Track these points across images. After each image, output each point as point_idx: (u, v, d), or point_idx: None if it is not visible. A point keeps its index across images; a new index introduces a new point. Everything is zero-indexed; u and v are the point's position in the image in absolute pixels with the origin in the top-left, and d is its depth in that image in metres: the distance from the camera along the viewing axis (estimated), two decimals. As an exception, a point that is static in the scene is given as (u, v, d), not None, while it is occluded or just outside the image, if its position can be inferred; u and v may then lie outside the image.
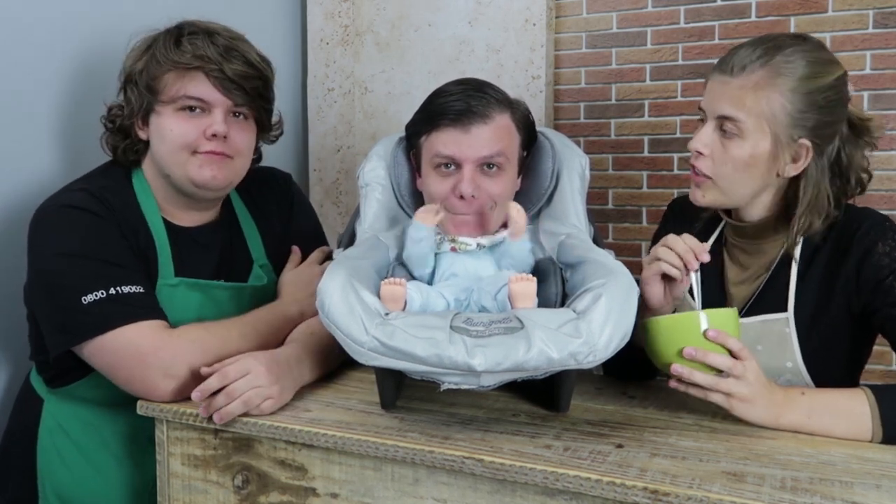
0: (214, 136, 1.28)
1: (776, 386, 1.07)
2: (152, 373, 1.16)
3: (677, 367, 1.05)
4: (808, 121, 1.14)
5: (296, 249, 1.47)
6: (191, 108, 1.28)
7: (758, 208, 1.22)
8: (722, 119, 1.16)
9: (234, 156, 1.32)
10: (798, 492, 0.87)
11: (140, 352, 1.17)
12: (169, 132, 1.28)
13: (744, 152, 1.15)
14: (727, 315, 1.07)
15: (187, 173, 1.29)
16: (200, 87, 1.27)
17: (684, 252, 1.12)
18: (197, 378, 1.14)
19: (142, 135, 1.33)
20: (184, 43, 1.27)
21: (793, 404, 1.05)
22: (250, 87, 1.31)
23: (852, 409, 1.04)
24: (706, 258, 1.12)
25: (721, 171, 1.18)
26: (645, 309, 1.17)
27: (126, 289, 1.19)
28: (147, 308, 1.20)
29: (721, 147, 1.17)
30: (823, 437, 1.04)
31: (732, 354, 1.04)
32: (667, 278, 1.15)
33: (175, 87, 1.27)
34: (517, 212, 1.16)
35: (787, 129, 1.14)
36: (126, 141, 1.33)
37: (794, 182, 1.19)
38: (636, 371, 1.27)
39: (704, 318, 1.05)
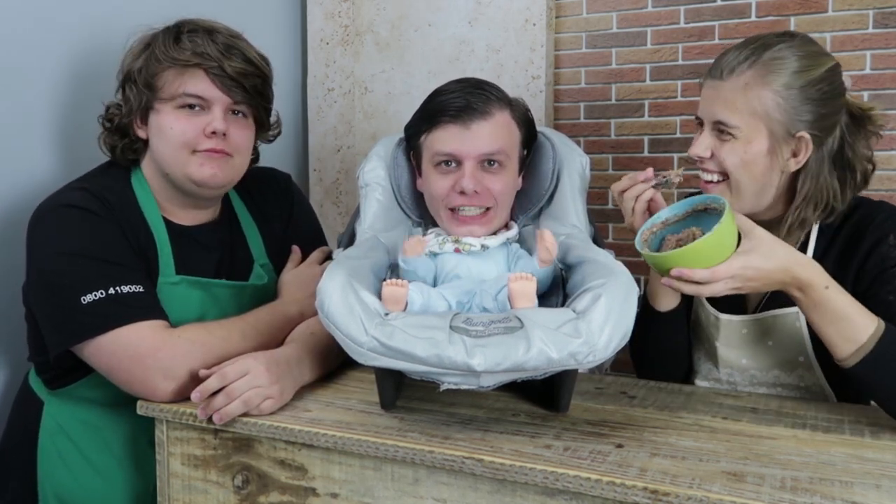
0: (214, 133, 1.28)
1: (801, 267, 1.06)
2: (152, 374, 1.16)
3: (667, 281, 1.08)
4: (805, 114, 1.14)
5: (296, 249, 1.47)
6: (190, 106, 1.28)
7: (762, 209, 1.22)
8: (717, 124, 1.17)
9: (234, 154, 1.31)
10: (798, 492, 0.87)
11: (139, 353, 1.16)
12: (169, 130, 1.28)
13: (739, 153, 1.16)
14: (695, 249, 1.05)
15: (187, 172, 1.29)
16: (200, 84, 1.27)
17: (633, 177, 1.19)
18: (197, 379, 1.14)
19: (141, 133, 1.33)
20: (183, 40, 1.28)
21: (810, 288, 1.06)
22: (249, 84, 1.31)
23: (859, 320, 1.05)
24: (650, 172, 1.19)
25: (731, 169, 1.17)
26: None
27: (126, 288, 1.19)
28: (146, 308, 1.20)
29: (720, 150, 1.18)
30: (816, 325, 1.07)
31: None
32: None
33: (174, 85, 1.27)
34: (551, 241, 1.12)
35: (784, 126, 1.14)
36: (124, 140, 1.33)
37: (796, 178, 1.20)
38: (665, 373, 1.32)
39: (672, 259, 1.06)
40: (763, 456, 0.97)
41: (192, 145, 1.28)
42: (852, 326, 1.05)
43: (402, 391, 1.20)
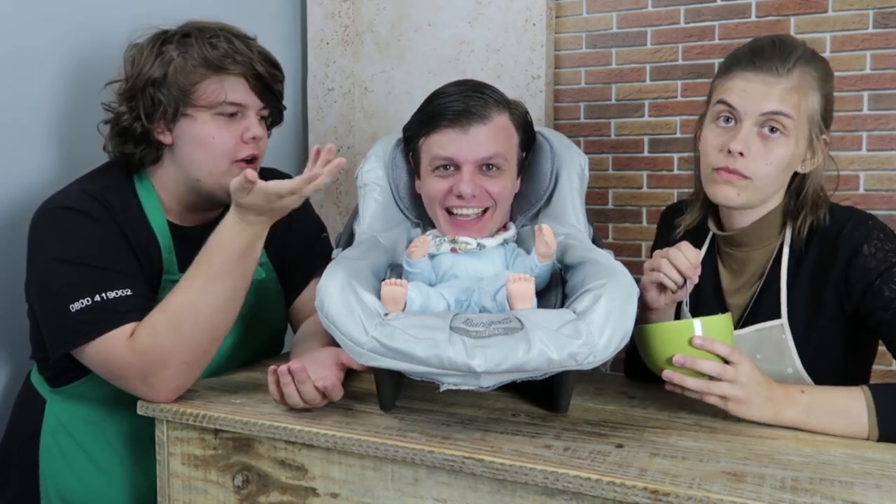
0: (253, 139, 1.29)
1: (774, 383, 1.07)
2: (134, 384, 1.17)
3: (668, 374, 1.06)
4: (828, 118, 1.19)
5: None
6: (230, 114, 1.28)
7: (759, 210, 1.22)
8: (768, 116, 1.14)
9: (260, 156, 1.34)
10: (798, 492, 0.87)
11: (112, 368, 1.17)
12: (211, 140, 1.28)
13: (787, 151, 1.15)
14: (718, 321, 1.07)
15: (223, 182, 1.26)
16: (240, 92, 1.28)
17: (686, 269, 1.13)
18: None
19: (163, 139, 1.30)
20: (219, 46, 1.27)
21: (791, 402, 1.06)
22: (277, 89, 1.34)
23: (850, 407, 1.04)
24: (698, 271, 1.15)
25: (762, 171, 1.15)
26: (646, 311, 1.18)
27: (112, 294, 1.18)
28: (129, 311, 1.18)
29: (762, 147, 1.15)
30: (822, 434, 1.04)
31: (725, 359, 1.04)
32: (665, 286, 1.16)
33: (216, 93, 1.27)
34: (550, 235, 1.12)
35: (817, 128, 1.17)
36: (140, 147, 1.30)
37: (791, 181, 1.21)
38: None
39: (693, 327, 1.05)
40: (763, 456, 0.97)
41: (233, 155, 1.29)
42: (850, 411, 1.04)
43: (401, 391, 1.20)
